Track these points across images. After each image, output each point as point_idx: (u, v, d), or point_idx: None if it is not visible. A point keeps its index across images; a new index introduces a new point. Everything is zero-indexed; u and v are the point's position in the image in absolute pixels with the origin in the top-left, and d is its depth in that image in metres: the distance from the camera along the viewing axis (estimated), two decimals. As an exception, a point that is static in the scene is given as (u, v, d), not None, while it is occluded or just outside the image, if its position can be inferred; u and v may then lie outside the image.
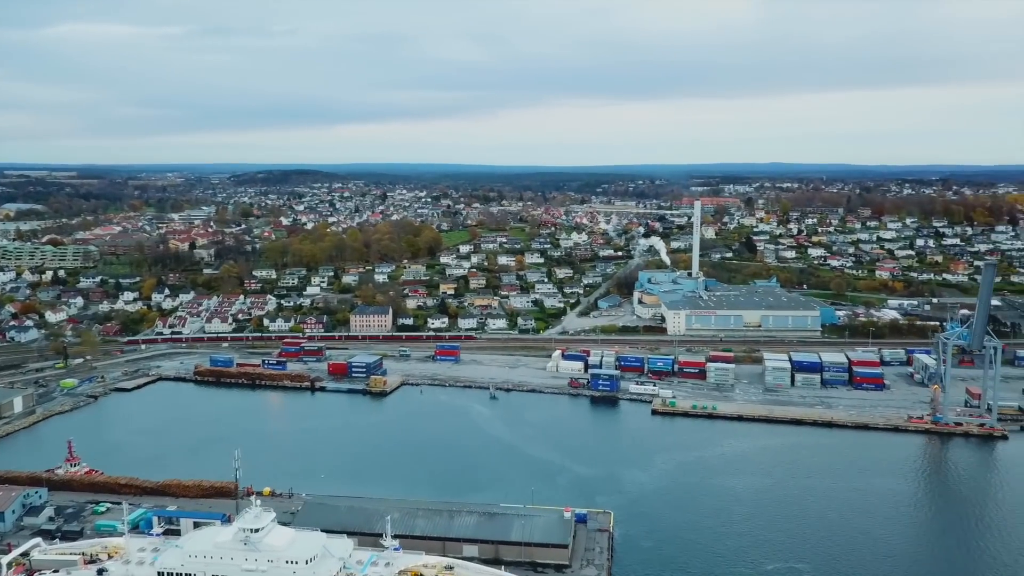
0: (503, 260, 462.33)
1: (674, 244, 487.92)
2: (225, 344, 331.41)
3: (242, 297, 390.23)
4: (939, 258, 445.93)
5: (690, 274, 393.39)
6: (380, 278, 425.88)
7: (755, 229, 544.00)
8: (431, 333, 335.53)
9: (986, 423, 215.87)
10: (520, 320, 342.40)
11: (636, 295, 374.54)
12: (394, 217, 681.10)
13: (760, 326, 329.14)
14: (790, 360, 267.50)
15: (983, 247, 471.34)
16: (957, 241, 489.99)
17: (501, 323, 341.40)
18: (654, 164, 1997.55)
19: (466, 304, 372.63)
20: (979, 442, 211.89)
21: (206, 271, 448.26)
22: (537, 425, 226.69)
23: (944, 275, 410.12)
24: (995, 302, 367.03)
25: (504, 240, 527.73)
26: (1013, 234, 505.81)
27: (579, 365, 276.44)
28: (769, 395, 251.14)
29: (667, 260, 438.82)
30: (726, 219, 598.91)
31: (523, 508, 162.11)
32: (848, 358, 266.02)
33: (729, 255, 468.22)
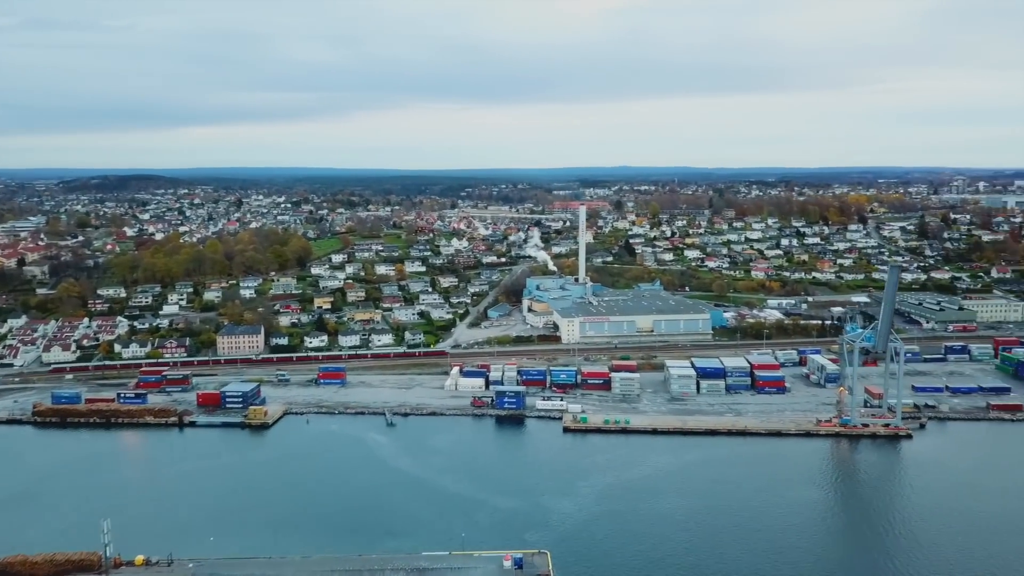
0: (382, 269, 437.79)
1: (555, 249, 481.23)
2: (69, 376, 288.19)
3: (86, 320, 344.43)
4: (805, 257, 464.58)
5: (577, 280, 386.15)
6: (246, 293, 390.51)
7: (630, 232, 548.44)
8: (310, 353, 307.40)
9: (891, 423, 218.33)
10: (408, 335, 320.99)
11: (525, 303, 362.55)
12: (253, 225, 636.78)
13: (653, 331, 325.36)
14: (694, 367, 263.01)
15: (842, 245, 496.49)
16: (818, 240, 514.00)
17: (387, 339, 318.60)
18: (514, 168, 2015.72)
19: (346, 319, 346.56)
20: (886, 442, 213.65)
21: (40, 291, 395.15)
22: (444, 452, 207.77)
23: (813, 274, 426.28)
24: (863, 299, 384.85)
25: (380, 248, 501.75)
26: (865, 232, 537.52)
27: (479, 382, 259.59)
28: (676, 404, 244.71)
29: (553, 266, 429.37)
30: (600, 223, 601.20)
31: (449, 556, 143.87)
32: (750, 363, 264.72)
33: (610, 259, 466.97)
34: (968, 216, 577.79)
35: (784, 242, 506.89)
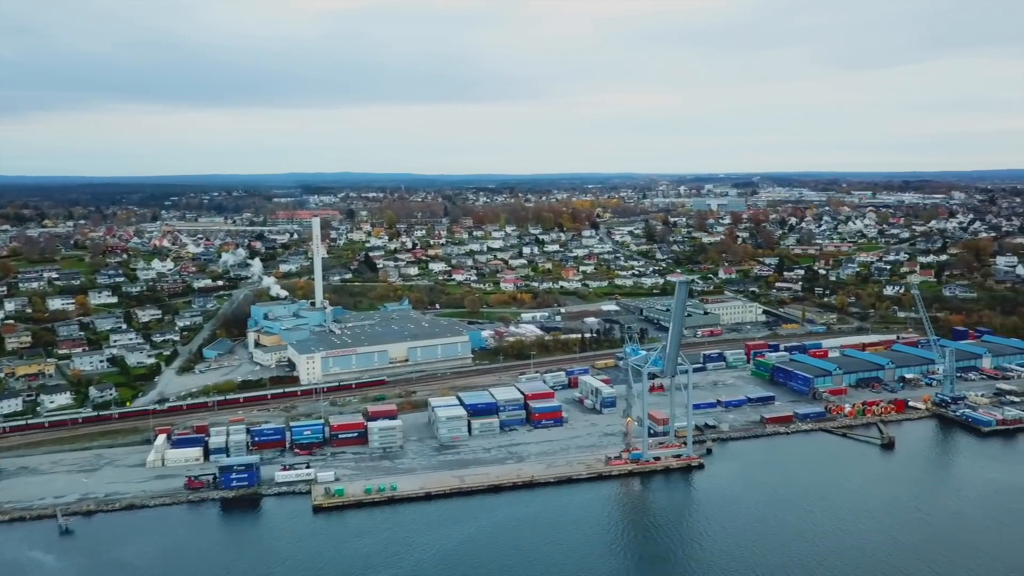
0: (57, 303, 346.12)
1: (283, 267, 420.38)
2: None
3: None
4: (549, 265, 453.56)
5: (314, 304, 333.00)
6: None
7: (368, 244, 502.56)
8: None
9: (683, 453, 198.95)
10: (93, 390, 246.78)
11: (251, 336, 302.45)
12: None
13: (408, 360, 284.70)
14: (462, 403, 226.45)
15: (580, 252, 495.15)
16: (557, 247, 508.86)
17: (64, 398, 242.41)
18: (229, 174, 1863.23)
19: (3, 376, 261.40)
20: (679, 476, 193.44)
21: None
22: (144, 571, 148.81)
23: (561, 283, 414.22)
24: (612, 307, 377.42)
25: (55, 275, 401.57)
26: (599, 238, 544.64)
27: (196, 452, 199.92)
28: (448, 453, 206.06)
29: (278, 291, 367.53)
30: (332, 234, 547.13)
31: None
32: (523, 393, 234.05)
33: (349, 276, 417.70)
34: (685, 219, 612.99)
35: (526, 250, 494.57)
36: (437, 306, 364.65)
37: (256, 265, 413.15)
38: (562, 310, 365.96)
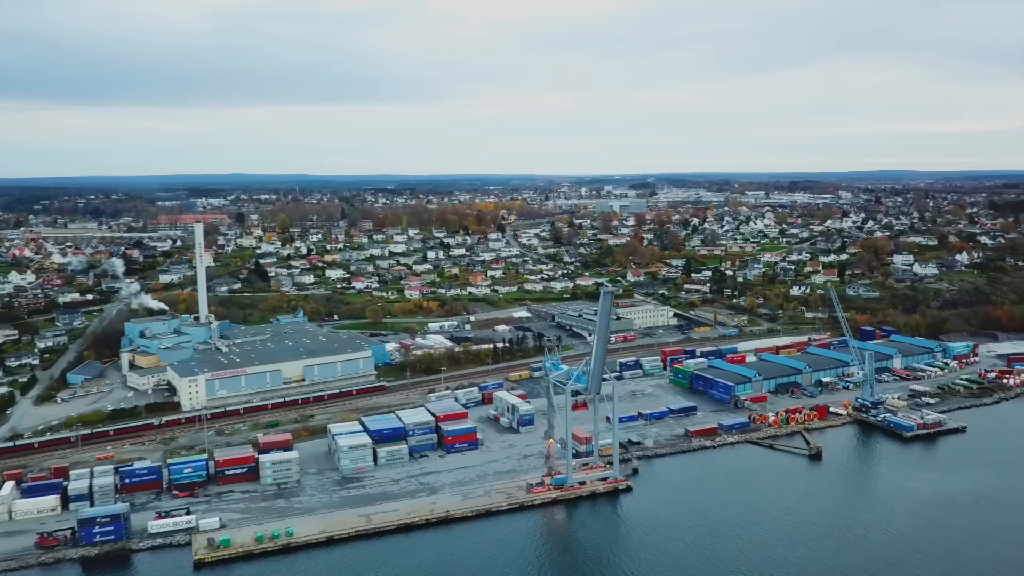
0: None
1: (163, 278, 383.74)
2: None
3: None
4: (456, 271, 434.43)
5: (197, 318, 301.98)
6: None
7: (259, 251, 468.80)
8: None
9: (609, 476, 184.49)
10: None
11: (125, 357, 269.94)
12: None
13: (304, 380, 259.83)
14: (366, 429, 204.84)
15: (488, 256, 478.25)
16: (463, 251, 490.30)
17: None
18: (107, 176, 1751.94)
19: None
20: (606, 501, 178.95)
21: None
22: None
23: (469, 289, 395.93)
24: (524, 313, 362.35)
25: None
26: (505, 241, 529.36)
27: (52, 501, 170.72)
28: (352, 487, 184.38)
29: (156, 304, 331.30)
30: (220, 240, 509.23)
31: None
32: (433, 414, 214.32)
33: (238, 286, 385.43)
34: (589, 221, 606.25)
35: (431, 254, 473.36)
36: (335, 317, 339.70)
37: (128, 282, 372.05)
38: (472, 318, 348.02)
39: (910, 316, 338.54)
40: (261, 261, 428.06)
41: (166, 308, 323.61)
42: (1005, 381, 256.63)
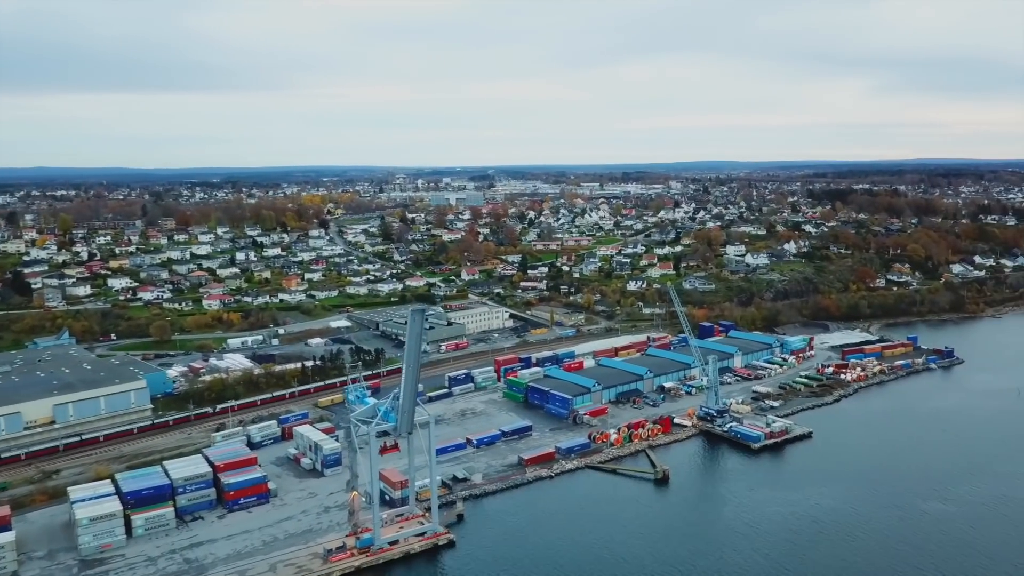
0: None
1: None
2: None
3: None
4: (268, 274, 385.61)
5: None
6: None
7: (25, 258, 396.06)
8: None
9: (427, 529, 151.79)
10: None
11: None
12: None
13: (54, 422, 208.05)
14: (119, 491, 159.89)
15: (307, 256, 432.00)
16: (279, 251, 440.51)
17: None
18: None
19: None
20: (424, 563, 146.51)
21: None
22: None
23: (281, 296, 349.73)
24: (343, 322, 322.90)
25: None
26: (329, 238, 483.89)
27: None
28: (92, 571, 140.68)
29: None
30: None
31: None
32: (212, 463, 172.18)
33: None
34: (424, 215, 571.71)
35: (240, 256, 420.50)
36: (112, 336, 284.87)
37: None
38: (281, 331, 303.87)
39: (746, 309, 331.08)
40: (25, 272, 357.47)
41: None
42: (843, 376, 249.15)
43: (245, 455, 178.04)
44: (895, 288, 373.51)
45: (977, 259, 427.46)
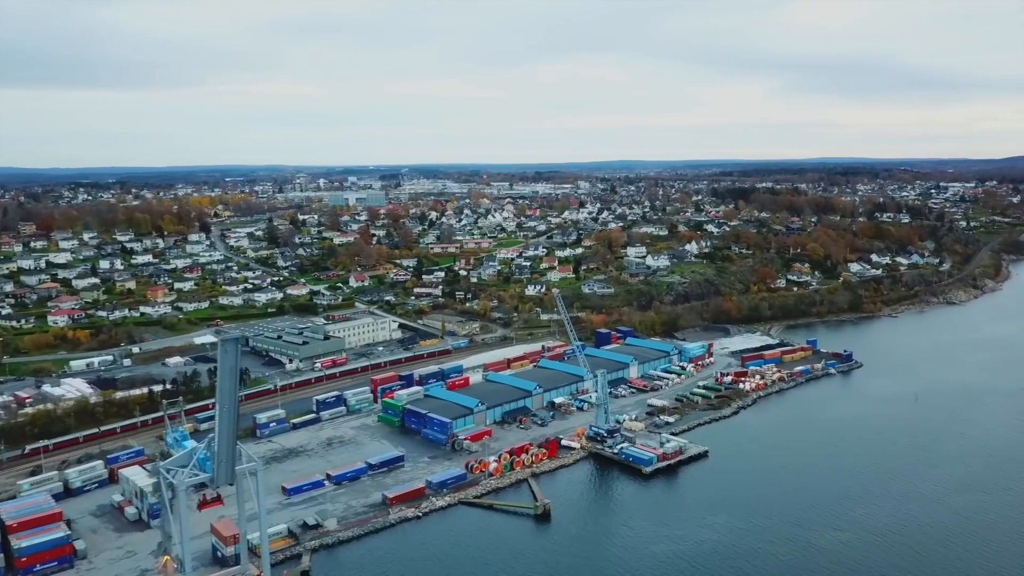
0: None
1: None
2: None
3: None
4: (132, 285, 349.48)
5: None
6: None
7: None
8: None
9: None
10: None
11: None
12: None
13: None
14: None
15: (181, 263, 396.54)
16: (150, 258, 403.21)
17: None
18: None
19: None
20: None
21: None
22: None
23: (142, 309, 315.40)
24: (209, 338, 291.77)
25: None
26: (209, 243, 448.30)
27: None
28: None
29: None
30: None
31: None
32: (0, 521, 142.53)
33: None
34: (316, 216, 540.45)
35: (104, 264, 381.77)
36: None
37: None
38: (136, 349, 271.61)
39: (645, 313, 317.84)
40: None
41: None
42: (741, 386, 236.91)
43: (48, 510, 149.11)
44: (795, 288, 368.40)
45: (874, 257, 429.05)
